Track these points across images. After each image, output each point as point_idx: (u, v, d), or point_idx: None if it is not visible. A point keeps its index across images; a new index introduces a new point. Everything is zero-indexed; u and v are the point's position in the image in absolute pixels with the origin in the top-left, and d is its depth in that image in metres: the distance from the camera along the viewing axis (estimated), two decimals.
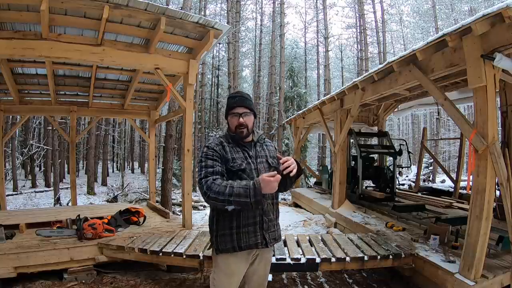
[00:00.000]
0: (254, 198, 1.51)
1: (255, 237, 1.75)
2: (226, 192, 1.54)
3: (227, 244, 1.73)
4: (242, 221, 1.73)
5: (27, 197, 11.54)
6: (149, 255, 3.27)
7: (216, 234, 1.77)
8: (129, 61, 4.12)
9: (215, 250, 1.79)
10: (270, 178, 1.51)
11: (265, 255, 1.92)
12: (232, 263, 1.77)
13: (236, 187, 1.54)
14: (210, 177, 1.62)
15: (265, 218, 1.78)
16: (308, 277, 3.57)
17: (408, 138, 26.93)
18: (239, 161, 1.74)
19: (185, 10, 9.37)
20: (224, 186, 1.56)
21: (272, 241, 1.83)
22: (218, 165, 1.69)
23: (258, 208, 1.68)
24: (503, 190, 2.57)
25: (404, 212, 4.81)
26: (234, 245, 1.72)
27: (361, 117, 7.70)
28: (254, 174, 1.74)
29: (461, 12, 19.30)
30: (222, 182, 1.60)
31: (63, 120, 14.68)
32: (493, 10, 2.36)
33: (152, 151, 6.81)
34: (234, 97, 1.83)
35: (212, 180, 1.60)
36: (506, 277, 2.76)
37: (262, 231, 1.77)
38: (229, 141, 1.80)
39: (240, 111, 1.77)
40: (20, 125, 9.03)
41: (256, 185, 1.51)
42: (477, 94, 2.66)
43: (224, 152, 1.74)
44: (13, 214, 4.95)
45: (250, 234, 1.74)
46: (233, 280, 1.80)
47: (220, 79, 22.29)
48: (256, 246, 1.76)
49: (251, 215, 1.74)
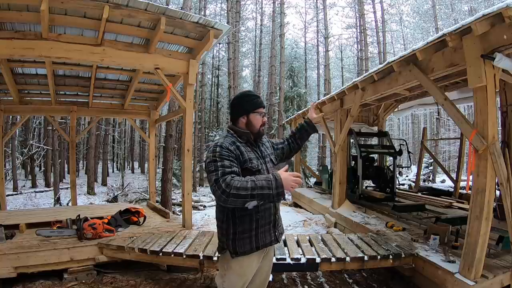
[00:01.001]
0: (276, 190, 1.51)
1: (270, 235, 1.78)
2: (249, 186, 1.50)
3: (245, 246, 1.70)
4: (261, 221, 1.73)
5: (27, 197, 11.53)
6: (149, 255, 3.27)
7: (234, 238, 1.71)
8: (129, 61, 4.12)
9: (230, 253, 1.72)
10: (292, 177, 1.55)
11: (270, 252, 1.95)
12: (247, 264, 1.76)
13: (259, 180, 1.53)
14: (228, 176, 1.55)
15: (277, 215, 1.83)
16: (308, 277, 3.57)
17: (408, 138, 26.93)
18: (255, 161, 1.74)
19: (185, 10, 9.37)
20: (245, 181, 1.52)
21: (280, 236, 1.87)
22: (235, 165, 1.64)
23: (279, 200, 1.69)
24: (503, 190, 2.57)
25: (404, 212, 4.81)
26: (253, 246, 1.72)
27: (361, 117, 7.70)
28: (266, 174, 1.74)
29: (461, 12, 19.29)
30: (241, 178, 1.56)
31: (63, 120, 14.67)
32: (493, 10, 2.36)
33: (152, 151, 6.81)
34: (257, 97, 1.88)
35: (231, 178, 1.54)
36: (506, 277, 2.76)
37: (275, 228, 1.81)
38: (239, 141, 1.77)
39: (263, 111, 1.85)
40: (20, 125, 9.04)
41: (277, 178, 1.53)
42: (477, 94, 2.66)
43: (239, 152, 1.70)
44: (13, 214, 4.95)
45: (267, 233, 1.76)
46: (246, 280, 1.80)
47: (220, 79, 22.29)
48: (270, 243, 1.79)
49: (267, 214, 1.76)
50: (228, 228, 1.74)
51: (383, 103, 7.01)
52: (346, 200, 5.77)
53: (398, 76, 3.89)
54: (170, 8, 3.71)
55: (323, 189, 8.12)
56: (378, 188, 6.69)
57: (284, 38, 17.00)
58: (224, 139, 1.75)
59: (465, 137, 3.94)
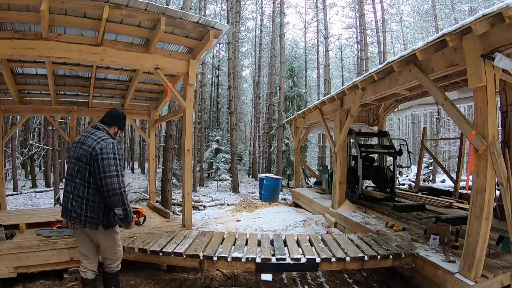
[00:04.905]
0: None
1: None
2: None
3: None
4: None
5: (27, 197, 11.53)
6: (149, 255, 3.27)
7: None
8: (129, 61, 4.11)
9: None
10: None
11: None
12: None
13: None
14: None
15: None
16: (308, 277, 3.57)
17: (408, 138, 26.92)
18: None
19: (185, 10, 9.37)
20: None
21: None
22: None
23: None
24: (503, 190, 2.57)
25: (404, 212, 4.81)
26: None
27: (361, 117, 7.71)
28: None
29: (461, 12, 19.29)
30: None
31: (63, 120, 14.65)
32: (493, 10, 2.36)
33: (152, 151, 6.81)
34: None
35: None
36: (506, 277, 2.77)
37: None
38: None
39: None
40: (20, 125, 9.03)
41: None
42: (477, 94, 2.66)
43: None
44: (13, 214, 4.95)
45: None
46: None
47: (220, 79, 22.27)
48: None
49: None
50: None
51: (383, 103, 7.01)
52: (346, 200, 5.77)
53: (398, 76, 3.89)
54: (170, 8, 3.71)
55: (323, 189, 8.12)
56: (378, 188, 6.69)
57: (284, 38, 16.99)
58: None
59: (465, 137, 3.94)
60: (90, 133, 2.43)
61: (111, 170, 2.24)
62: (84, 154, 2.32)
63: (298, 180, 9.84)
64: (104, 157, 2.25)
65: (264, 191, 9.83)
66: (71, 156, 2.46)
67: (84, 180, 2.34)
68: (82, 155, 2.33)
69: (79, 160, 2.35)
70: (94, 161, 2.27)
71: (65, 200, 2.46)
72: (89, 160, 2.30)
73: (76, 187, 2.37)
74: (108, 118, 2.59)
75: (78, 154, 2.36)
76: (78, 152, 2.36)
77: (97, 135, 2.39)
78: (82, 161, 2.33)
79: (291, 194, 9.36)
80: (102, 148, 2.27)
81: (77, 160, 2.37)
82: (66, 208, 2.42)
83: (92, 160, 2.28)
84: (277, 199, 9.74)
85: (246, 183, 17.27)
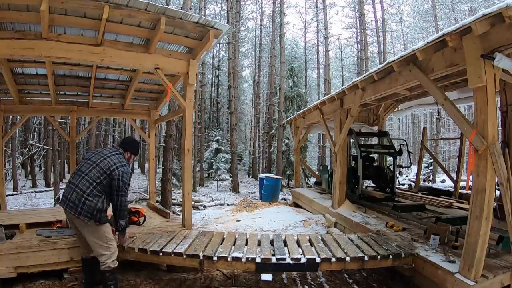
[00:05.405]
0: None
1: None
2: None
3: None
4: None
5: (27, 197, 11.54)
6: (149, 255, 3.27)
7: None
8: (129, 61, 4.11)
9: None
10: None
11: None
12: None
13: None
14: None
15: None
16: (308, 277, 3.57)
17: (408, 138, 26.93)
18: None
19: (185, 10, 9.37)
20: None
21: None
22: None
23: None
24: (503, 190, 2.57)
25: (404, 212, 4.81)
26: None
27: (361, 117, 7.71)
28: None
29: (461, 12, 19.29)
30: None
31: (63, 120, 14.66)
32: (493, 10, 2.36)
33: (152, 151, 6.80)
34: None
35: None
36: (506, 277, 2.77)
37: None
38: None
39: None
40: (20, 125, 9.03)
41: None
42: (477, 94, 2.66)
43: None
44: (13, 214, 4.94)
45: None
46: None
47: (220, 79, 22.27)
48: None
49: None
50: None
51: (383, 103, 7.01)
52: (346, 200, 5.77)
53: (398, 76, 3.89)
54: (170, 8, 3.70)
55: (323, 189, 8.12)
56: (378, 188, 6.69)
57: (284, 38, 16.99)
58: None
59: (465, 137, 3.94)
60: (115, 153, 2.93)
61: (125, 191, 2.84)
62: (107, 166, 2.78)
63: (298, 180, 9.84)
64: (124, 180, 2.81)
65: (264, 191, 9.83)
66: (89, 158, 2.85)
67: (93, 180, 2.71)
68: (104, 164, 2.78)
69: (97, 165, 2.77)
70: (114, 179, 2.76)
71: (67, 190, 2.76)
72: (108, 172, 2.76)
73: (82, 182, 2.70)
74: (123, 145, 3.13)
75: (98, 160, 2.79)
76: (100, 160, 2.80)
77: (120, 158, 2.92)
78: (101, 167, 2.76)
79: (291, 194, 9.36)
80: (124, 172, 2.83)
81: (96, 164, 2.77)
82: (66, 197, 2.72)
83: (111, 176, 2.76)
84: (277, 199, 9.74)
85: (246, 183, 17.28)
